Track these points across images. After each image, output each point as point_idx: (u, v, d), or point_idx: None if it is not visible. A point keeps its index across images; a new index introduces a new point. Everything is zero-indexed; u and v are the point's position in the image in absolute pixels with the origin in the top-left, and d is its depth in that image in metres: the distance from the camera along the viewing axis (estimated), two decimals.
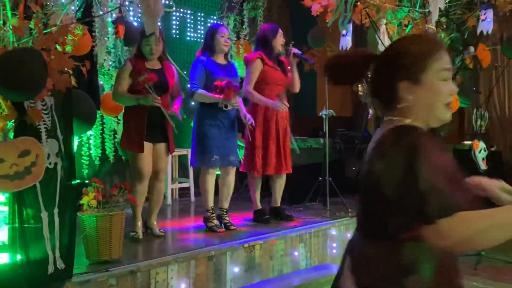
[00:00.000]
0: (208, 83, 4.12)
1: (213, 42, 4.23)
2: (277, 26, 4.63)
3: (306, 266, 4.22)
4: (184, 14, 6.46)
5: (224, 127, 4.18)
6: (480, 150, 5.18)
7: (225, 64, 4.29)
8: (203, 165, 4.17)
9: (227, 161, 4.21)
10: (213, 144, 4.12)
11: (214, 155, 4.11)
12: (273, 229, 4.23)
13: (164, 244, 3.98)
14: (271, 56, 4.48)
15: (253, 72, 4.41)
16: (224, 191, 4.32)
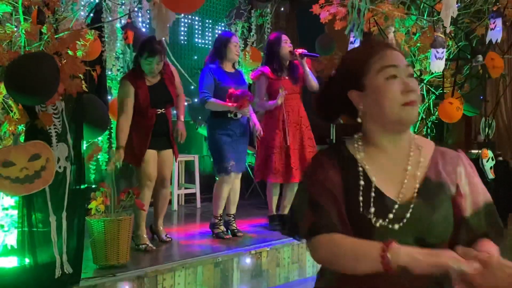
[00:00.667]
0: (217, 92, 4.14)
1: (225, 50, 4.24)
2: (280, 33, 4.64)
3: (313, 273, 4.20)
4: (192, 21, 6.49)
5: (236, 135, 4.21)
6: (488, 159, 5.16)
7: (233, 73, 4.32)
8: (221, 173, 4.18)
9: (240, 167, 4.26)
10: (228, 151, 4.14)
11: (230, 161, 4.13)
12: (280, 236, 4.22)
13: (171, 250, 3.98)
14: (277, 67, 4.50)
15: (260, 88, 4.54)
16: (231, 197, 4.32)
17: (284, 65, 4.55)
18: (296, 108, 4.55)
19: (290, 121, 4.48)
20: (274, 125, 4.47)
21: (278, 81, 4.49)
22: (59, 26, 2.83)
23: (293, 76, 4.57)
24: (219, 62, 4.26)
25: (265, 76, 4.52)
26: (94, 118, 3.02)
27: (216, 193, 4.24)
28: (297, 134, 4.49)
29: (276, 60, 4.52)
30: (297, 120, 4.52)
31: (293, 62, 4.59)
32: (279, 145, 4.45)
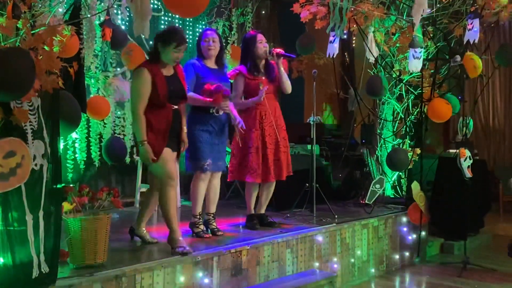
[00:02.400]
0: (199, 87, 4.10)
1: (200, 47, 4.24)
2: (256, 32, 4.60)
3: (293, 272, 4.21)
4: (172, 19, 6.45)
5: (215, 132, 4.16)
6: (465, 159, 5.23)
7: (217, 69, 4.26)
8: (196, 170, 4.13)
9: (218, 166, 4.20)
10: (205, 149, 4.09)
11: (207, 160, 4.08)
12: (260, 235, 4.21)
13: (150, 249, 3.93)
14: (253, 66, 4.49)
15: (237, 87, 4.52)
16: (211, 196, 4.29)
17: (259, 64, 4.54)
18: (272, 107, 4.54)
19: (266, 121, 4.47)
20: (251, 124, 4.45)
21: (254, 80, 4.49)
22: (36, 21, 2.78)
23: (269, 75, 4.55)
24: (201, 59, 4.23)
25: (242, 75, 4.50)
26: (65, 113, 2.97)
27: (193, 192, 4.19)
28: (273, 133, 4.49)
29: (250, 60, 4.50)
30: (274, 120, 4.52)
31: (270, 62, 4.57)
32: (256, 145, 4.44)
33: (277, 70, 4.55)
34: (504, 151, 9.05)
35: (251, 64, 4.50)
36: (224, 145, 4.31)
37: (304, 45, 5.68)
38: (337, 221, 4.80)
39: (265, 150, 4.45)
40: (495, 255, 6.03)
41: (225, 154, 4.34)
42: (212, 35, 4.24)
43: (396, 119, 6.07)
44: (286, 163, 4.58)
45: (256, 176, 4.43)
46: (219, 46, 4.25)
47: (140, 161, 3.55)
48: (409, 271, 5.33)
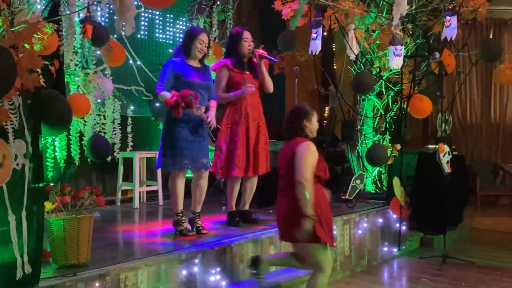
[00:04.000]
0: (180, 85, 4.05)
1: (191, 46, 4.16)
2: (242, 30, 4.57)
3: (276, 268, 4.22)
4: (152, 16, 6.40)
5: (195, 129, 4.10)
6: (444, 154, 5.31)
7: (199, 67, 4.22)
8: (173, 168, 4.09)
9: (199, 164, 4.14)
10: (184, 146, 4.04)
11: (185, 157, 4.04)
12: (243, 232, 4.22)
13: (133, 248, 3.93)
14: (238, 62, 4.49)
15: (220, 79, 4.50)
16: (197, 195, 4.25)
17: (243, 61, 4.53)
18: (256, 103, 4.56)
19: (251, 116, 4.48)
20: (238, 119, 4.45)
21: (239, 74, 4.48)
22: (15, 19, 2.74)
23: (253, 72, 4.55)
24: (184, 57, 4.17)
25: (227, 68, 4.48)
26: (57, 114, 2.93)
27: (172, 190, 4.16)
28: (255, 129, 4.50)
29: (235, 56, 4.50)
30: (257, 116, 4.53)
31: (253, 60, 4.57)
32: (242, 139, 4.44)
33: (259, 70, 4.54)
34: (481, 146, 9.22)
35: (236, 59, 4.49)
36: (206, 142, 4.26)
37: (286, 42, 5.70)
38: None
39: (248, 144, 4.46)
40: (473, 248, 6.15)
41: (207, 151, 4.29)
42: (206, 38, 4.20)
43: (376, 116, 6.13)
44: (266, 160, 4.59)
45: (240, 170, 4.44)
46: (206, 48, 4.25)
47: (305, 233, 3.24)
48: (390, 265, 5.41)
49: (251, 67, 4.56)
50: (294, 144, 3.39)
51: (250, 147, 4.47)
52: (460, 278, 4.82)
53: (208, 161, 4.24)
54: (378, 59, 5.90)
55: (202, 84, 4.13)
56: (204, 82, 4.16)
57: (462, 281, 4.74)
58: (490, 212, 8.01)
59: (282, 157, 3.48)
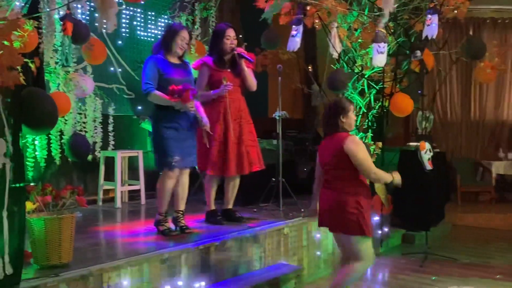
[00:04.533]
0: (161, 83, 4.01)
1: (172, 42, 4.11)
2: (225, 26, 4.54)
3: (261, 266, 4.23)
4: (134, 13, 6.34)
5: (182, 128, 4.06)
6: (426, 151, 5.36)
7: (179, 64, 4.18)
8: (164, 168, 4.06)
9: (186, 162, 4.11)
10: (172, 146, 4.00)
11: (174, 157, 4.00)
12: (228, 230, 4.21)
13: (116, 248, 3.89)
14: (218, 59, 4.46)
15: (201, 78, 4.48)
16: (179, 193, 4.20)
17: (225, 58, 4.50)
18: (237, 101, 4.52)
19: (230, 114, 4.44)
20: (215, 117, 4.41)
21: (220, 72, 4.45)
22: None
23: (235, 69, 4.53)
24: (164, 53, 4.12)
25: (207, 66, 4.45)
26: (43, 114, 2.87)
27: (159, 189, 4.12)
28: (236, 127, 4.47)
29: (216, 52, 4.47)
30: (238, 114, 4.50)
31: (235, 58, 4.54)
32: (219, 138, 4.41)
33: (240, 68, 4.52)
34: (461, 143, 9.34)
35: (217, 57, 4.47)
36: (193, 142, 4.22)
37: (269, 40, 5.70)
38: (304, 215, 4.85)
39: (227, 144, 4.42)
40: (454, 245, 6.23)
41: (194, 149, 4.26)
42: (187, 35, 4.18)
43: (358, 114, 6.16)
44: (257, 157, 4.56)
45: (216, 169, 4.41)
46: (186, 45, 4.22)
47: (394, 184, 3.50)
48: None
49: (233, 64, 4.53)
50: (337, 140, 3.45)
51: (230, 147, 4.42)
52: (442, 275, 4.87)
53: (195, 158, 4.22)
54: (360, 58, 5.93)
55: (183, 81, 4.07)
56: (185, 79, 4.11)
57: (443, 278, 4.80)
58: (471, 209, 8.11)
59: (325, 152, 3.55)
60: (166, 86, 3.96)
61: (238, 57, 4.46)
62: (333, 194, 3.47)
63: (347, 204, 3.38)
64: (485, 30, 9.15)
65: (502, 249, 6.10)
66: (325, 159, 3.55)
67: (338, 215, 3.43)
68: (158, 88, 4.00)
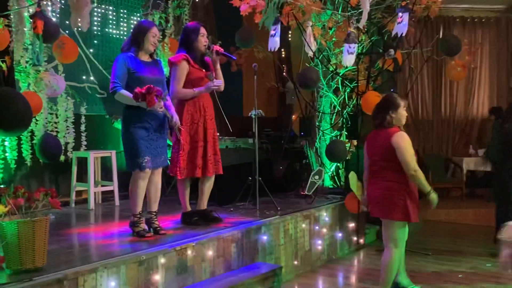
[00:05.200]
0: (132, 82, 3.92)
1: (143, 39, 4.02)
2: (199, 25, 4.47)
3: (238, 266, 4.21)
4: (106, 11, 6.23)
5: (152, 128, 3.98)
6: None
7: (150, 62, 4.09)
8: (135, 168, 3.97)
9: (157, 162, 4.05)
10: (143, 145, 3.92)
11: (145, 157, 3.92)
12: (205, 231, 4.17)
13: (91, 251, 3.81)
14: (195, 57, 4.40)
15: (180, 73, 4.33)
16: (152, 193, 4.14)
17: (198, 57, 4.46)
18: (211, 101, 4.50)
19: (208, 114, 4.41)
20: (197, 117, 4.37)
21: (198, 71, 4.38)
22: None
23: (206, 69, 4.48)
24: (135, 51, 4.02)
25: (188, 62, 4.35)
26: (16, 113, 2.79)
27: (132, 190, 4.04)
28: (211, 127, 4.44)
29: (190, 50, 4.39)
30: (212, 113, 4.48)
31: (205, 58, 4.49)
32: (201, 138, 4.37)
33: (213, 67, 4.47)
34: (432, 140, 9.50)
35: (192, 55, 4.40)
36: (164, 141, 4.16)
37: (243, 39, 5.67)
38: (280, 213, 4.86)
39: (205, 144, 4.39)
40: (427, 239, 6.33)
41: (166, 149, 4.21)
42: (158, 32, 4.12)
43: (333, 112, 6.21)
44: None
45: (201, 170, 4.36)
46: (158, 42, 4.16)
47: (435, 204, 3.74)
48: (349, 259, 5.49)
49: (204, 64, 4.49)
50: (386, 134, 3.74)
51: (208, 147, 4.39)
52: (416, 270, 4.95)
53: (166, 158, 4.17)
54: (334, 56, 5.97)
55: (155, 79, 3.99)
56: (156, 77, 4.03)
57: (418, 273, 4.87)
58: (442, 204, 8.19)
59: (374, 144, 3.85)
60: (137, 85, 3.86)
61: (215, 54, 4.42)
62: (380, 183, 3.77)
63: (394, 191, 3.68)
64: (455, 28, 9.34)
65: (473, 243, 6.24)
66: (373, 151, 3.86)
67: (386, 202, 3.72)
68: (128, 87, 3.90)
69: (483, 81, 9.46)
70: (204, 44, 4.39)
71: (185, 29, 4.54)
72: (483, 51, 9.36)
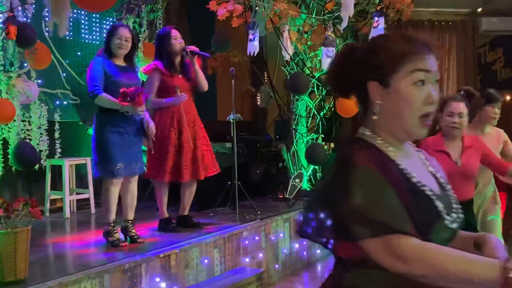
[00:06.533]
0: (107, 86, 3.84)
1: (110, 43, 3.94)
2: (170, 28, 4.44)
3: (221, 271, 4.19)
4: (78, 16, 6.11)
5: (127, 133, 3.90)
6: None
7: (125, 67, 4.01)
8: (106, 175, 3.88)
9: (132, 169, 3.96)
10: (116, 151, 3.83)
11: (118, 163, 3.84)
12: (186, 237, 4.13)
13: (72, 260, 3.73)
14: (169, 63, 4.36)
15: (152, 83, 4.33)
16: (128, 201, 4.06)
17: (175, 61, 4.41)
18: (190, 106, 4.45)
19: (184, 119, 4.36)
20: (168, 122, 4.31)
21: (171, 78, 4.35)
22: None
23: (186, 73, 4.45)
24: (108, 55, 3.96)
25: (158, 71, 4.32)
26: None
27: (104, 198, 3.96)
28: (191, 133, 4.40)
29: (166, 56, 4.34)
30: (192, 118, 4.43)
31: (185, 60, 4.46)
32: (174, 144, 4.32)
33: (192, 69, 4.45)
34: None
35: (168, 61, 4.36)
36: (139, 147, 4.08)
37: (219, 43, 5.65)
38: (260, 217, 4.85)
39: (181, 149, 4.33)
40: None
41: (141, 155, 4.14)
42: (125, 33, 3.96)
43: (309, 115, 6.25)
44: (212, 161, 4.49)
45: (169, 176, 4.31)
46: (130, 44, 4.00)
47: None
48: (330, 260, 5.52)
49: (184, 67, 4.45)
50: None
51: (184, 152, 4.33)
52: None
53: (141, 165, 4.10)
54: (309, 60, 6.01)
55: (130, 84, 3.90)
56: (132, 82, 3.94)
57: None
58: None
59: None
60: (113, 89, 3.81)
61: (190, 55, 4.38)
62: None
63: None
64: (424, 31, 9.54)
65: None
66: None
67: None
68: (104, 91, 3.83)
69: (451, 84, 9.69)
70: (180, 46, 4.36)
71: (157, 36, 4.51)
72: (451, 53, 9.59)
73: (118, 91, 3.76)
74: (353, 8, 4.37)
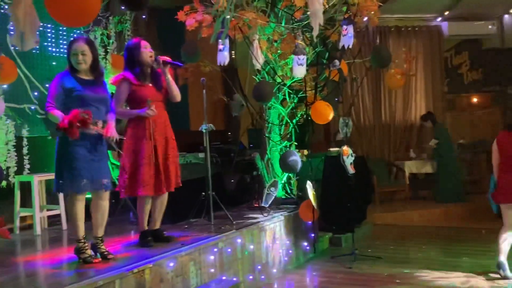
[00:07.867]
0: (72, 100, 3.75)
1: (70, 59, 3.85)
2: (139, 39, 4.41)
3: (197, 284, 4.14)
4: (44, 28, 6.00)
5: (93, 147, 3.82)
6: (348, 156, 5.55)
7: (91, 80, 3.90)
8: (71, 190, 3.79)
9: (99, 184, 3.87)
10: (81, 166, 3.74)
11: (83, 178, 3.75)
12: (161, 251, 4.07)
13: (44, 279, 3.63)
14: (140, 73, 4.31)
15: (120, 94, 4.27)
16: (98, 218, 3.96)
17: (146, 71, 4.36)
18: (162, 116, 4.39)
19: (157, 130, 4.30)
20: (142, 134, 4.25)
21: (141, 87, 4.28)
22: None
23: (157, 83, 4.39)
24: (71, 70, 3.86)
25: (127, 81, 4.25)
26: None
27: (72, 215, 3.85)
28: (163, 143, 4.34)
29: (136, 67, 4.29)
30: (163, 129, 4.37)
31: (156, 70, 4.41)
32: (148, 156, 4.26)
33: (164, 78, 4.40)
34: (375, 146, 9.81)
35: (139, 71, 4.30)
36: (105, 161, 3.99)
37: (189, 53, 5.62)
38: (236, 227, 4.83)
39: (157, 161, 4.27)
40: (377, 243, 6.51)
41: (108, 170, 4.04)
42: (80, 47, 3.83)
43: (281, 123, 6.27)
44: (176, 174, 4.43)
45: (148, 189, 4.24)
46: (91, 57, 3.87)
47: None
48: (305, 267, 5.54)
49: (155, 77, 4.40)
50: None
51: (160, 164, 4.29)
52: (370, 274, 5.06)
53: (109, 181, 3.99)
54: (280, 68, 6.04)
55: (97, 97, 3.85)
56: (98, 95, 3.87)
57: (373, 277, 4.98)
58: (388, 208, 8.53)
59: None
60: (77, 104, 3.73)
61: (162, 65, 4.33)
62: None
63: None
64: (391, 37, 9.72)
65: (419, 243, 6.48)
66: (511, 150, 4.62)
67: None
68: (67, 107, 3.73)
69: (419, 88, 9.89)
70: (150, 56, 4.32)
71: (126, 47, 4.43)
72: (418, 58, 9.79)
73: (83, 105, 3.70)
74: (322, 16, 4.40)
